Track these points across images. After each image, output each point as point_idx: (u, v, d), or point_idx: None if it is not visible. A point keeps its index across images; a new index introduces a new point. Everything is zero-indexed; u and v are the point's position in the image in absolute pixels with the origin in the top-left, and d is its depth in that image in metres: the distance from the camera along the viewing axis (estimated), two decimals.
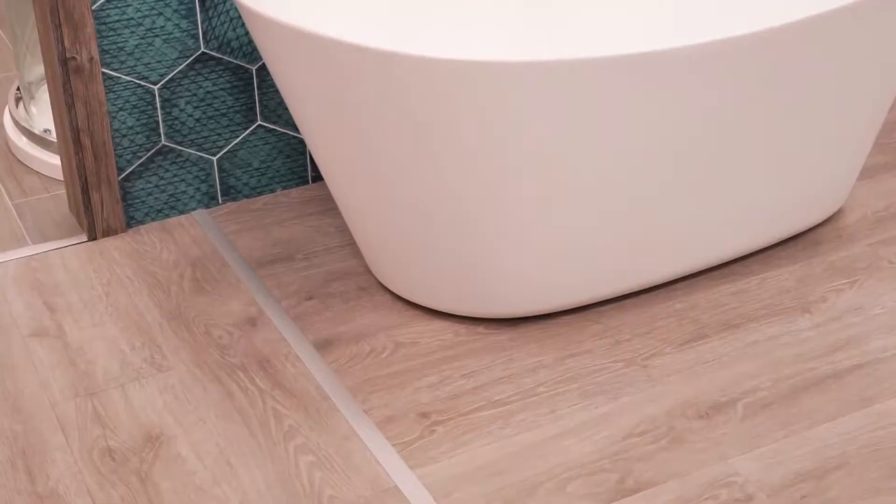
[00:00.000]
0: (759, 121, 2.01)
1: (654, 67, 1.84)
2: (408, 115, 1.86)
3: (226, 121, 2.39)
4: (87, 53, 2.21)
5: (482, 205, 1.93)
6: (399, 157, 1.92)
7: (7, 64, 3.17)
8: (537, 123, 1.84)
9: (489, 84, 1.79)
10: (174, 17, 2.27)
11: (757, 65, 1.93)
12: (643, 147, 1.93)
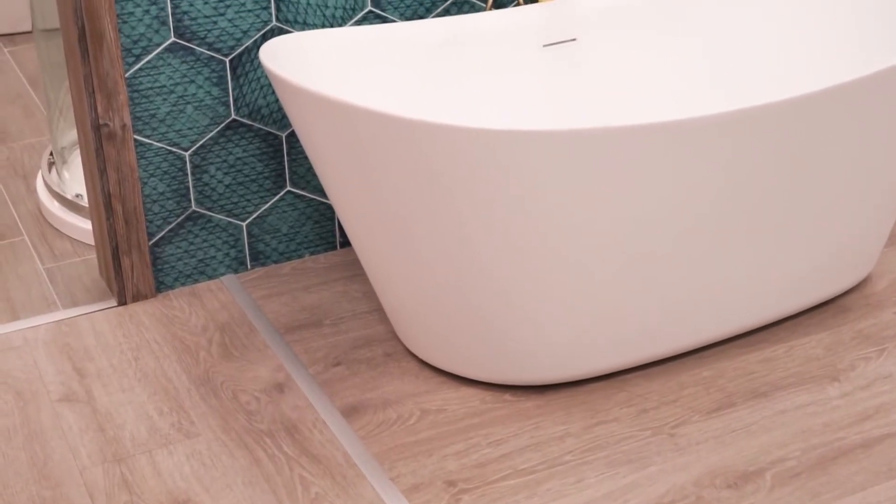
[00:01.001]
0: (786, 187, 2.01)
1: (683, 135, 1.85)
2: (435, 183, 1.87)
3: (255, 187, 2.41)
4: (119, 120, 2.24)
5: (509, 272, 1.94)
6: (426, 223, 1.93)
7: (41, 129, 3.21)
8: (564, 191, 1.85)
9: (515, 152, 1.81)
10: (206, 85, 2.30)
11: (785, 131, 1.93)
12: (671, 214, 1.93)
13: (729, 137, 1.89)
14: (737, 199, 1.97)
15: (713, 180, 1.93)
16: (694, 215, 1.95)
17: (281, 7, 2.30)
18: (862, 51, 2.47)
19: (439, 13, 2.44)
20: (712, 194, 1.94)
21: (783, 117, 1.92)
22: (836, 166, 2.05)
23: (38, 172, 2.89)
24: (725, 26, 2.52)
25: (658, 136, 1.84)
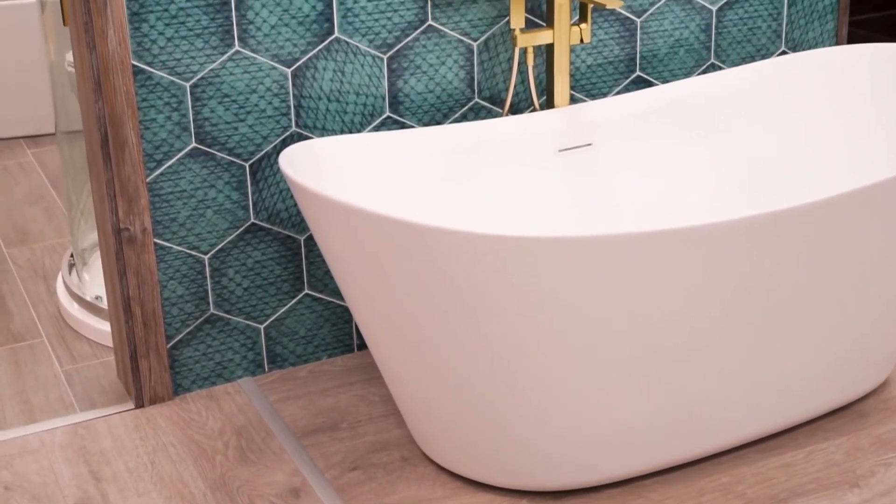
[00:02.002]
0: (802, 291, 2.02)
1: (697, 241, 1.86)
2: (452, 288, 1.88)
3: (273, 289, 2.43)
4: (140, 224, 2.27)
5: (526, 378, 1.94)
6: (442, 328, 1.94)
7: (62, 230, 3.24)
8: (580, 297, 1.86)
9: (531, 259, 1.82)
10: (225, 189, 2.33)
11: (801, 235, 1.94)
12: (687, 319, 1.94)
13: (744, 242, 1.90)
14: (752, 304, 1.98)
15: (728, 285, 1.93)
16: (710, 321, 1.96)
17: (300, 113, 2.34)
18: (883, 151, 2.49)
19: (456, 119, 2.47)
20: (728, 299, 1.95)
21: (800, 221, 1.93)
22: (853, 269, 2.05)
23: (58, 274, 2.92)
24: (740, 130, 2.55)
25: (673, 243, 1.85)
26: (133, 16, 2.17)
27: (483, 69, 2.47)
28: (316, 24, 2.30)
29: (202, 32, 2.23)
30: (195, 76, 2.24)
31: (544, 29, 2.37)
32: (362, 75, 2.37)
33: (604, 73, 2.59)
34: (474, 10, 2.42)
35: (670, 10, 2.60)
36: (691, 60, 2.67)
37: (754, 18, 2.70)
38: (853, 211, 1.97)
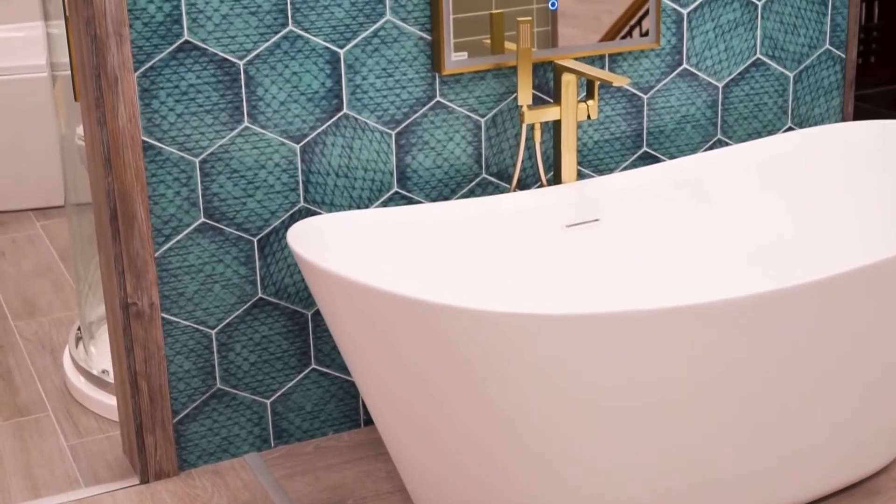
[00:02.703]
0: (808, 367, 2.01)
1: (703, 318, 1.86)
2: (459, 364, 1.88)
3: (280, 364, 2.43)
4: (147, 299, 2.27)
5: (534, 452, 1.93)
6: (451, 404, 1.93)
7: (69, 303, 3.25)
8: (587, 374, 1.85)
9: (538, 336, 1.82)
10: (233, 264, 2.33)
11: (807, 313, 1.94)
12: (694, 397, 1.93)
13: (750, 319, 1.89)
14: (758, 378, 1.97)
15: (734, 359, 1.93)
16: (715, 399, 1.95)
17: (309, 188, 2.35)
18: (890, 227, 2.49)
19: (464, 194, 2.48)
20: (734, 373, 1.94)
21: (805, 299, 1.92)
22: (862, 347, 2.05)
23: (65, 347, 2.92)
24: (747, 206, 2.55)
25: (678, 320, 1.85)
26: (144, 92, 2.19)
27: (491, 145, 2.48)
28: (325, 101, 2.32)
29: (212, 109, 2.24)
30: (204, 152, 2.26)
31: (551, 105, 2.38)
32: (370, 151, 2.38)
33: (611, 149, 2.60)
34: (482, 86, 2.44)
35: (677, 86, 2.62)
36: (698, 136, 2.68)
37: (760, 95, 2.72)
38: (860, 287, 1.97)
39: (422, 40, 2.36)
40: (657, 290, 2.49)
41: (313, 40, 2.28)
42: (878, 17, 3.87)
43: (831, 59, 2.78)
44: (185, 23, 2.19)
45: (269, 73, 2.27)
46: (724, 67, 2.67)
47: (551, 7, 2.42)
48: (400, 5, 2.33)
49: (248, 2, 2.22)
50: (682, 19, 2.59)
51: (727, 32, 2.65)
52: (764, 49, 2.70)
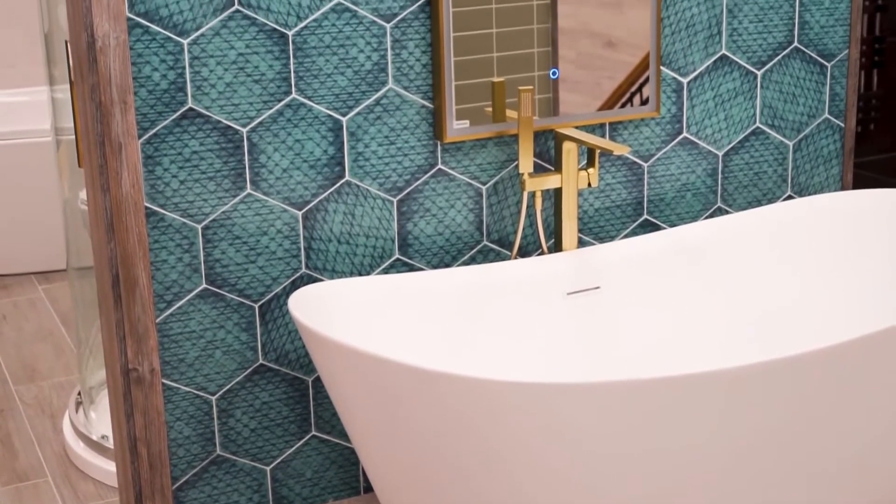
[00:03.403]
0: (811, 436, 2.01)
1: (705, 388, 1.86)
2: (460, 432, 1.87)
3: (280, 431, 2.42)
4: (148, 365, 2.27)
5: None
6: (451, 471, 1.92)
7: (70, 367, 3.25)
8: (588, 441, 1.85)
9: (538, 405, 1.81)
10: (234, 330, 2.34)
11: (809, 382, 1.94)
12: (696, 462, 1.92)
13: (752, 388, 1.89)
14: (762, 447, 1.96)
15: (739, 428, 1.92)
16: (719, 465, 1.94)
17: (311, 255, 2.36)
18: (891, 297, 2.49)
19: (465, 261, 2.49)
20: (738, 441, 1.93)
21: (806, 368, 1.92)
22: (862, 416, 2.04)
23: (65, 412, 2.91)
24: (747, 274, 2.56)
25: (682, 389, 1.85)
26: (147, 159, 2.21)
27: (492, 212, 2.49)
28: (327, 168, 2.33)
29: (215, 175, 2.26)
30: (207, 218, 2.27)
31: (552, 173, 2.40)
32: (372, 218, 2.39)
33: (611, 217, 2.61)
34: (483, 154, 2.45)
35: (677, 154, 2.64)
36: (698, 204, 2.69)
37: (760, 163, 2.74)
38: (863, 356, 1.97)
39: (424, 108, 2.38)
40: (659, 358, 2.49)
41: (316, 108, 2.30)
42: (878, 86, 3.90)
43: (830, 128, 2.80)
44: (189, 90, 2.21)
45: (271, 141, 2.28)
46: (723, 136, 2.69)
47: (552, 76, 2.44)
48: (402, 74, 2.35)
49: (251, 70, 2.24)
50: (682, 88, 2.61)
51: (727, 101, 2.67)
52: (763, 118, 2.72)
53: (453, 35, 2.34)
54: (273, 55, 2.25)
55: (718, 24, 2.62)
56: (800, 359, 1.90)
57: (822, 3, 2.72)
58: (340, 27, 2.29)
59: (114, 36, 2.12)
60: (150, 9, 2.15)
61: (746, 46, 2.66)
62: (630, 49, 2.50)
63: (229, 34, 2.21)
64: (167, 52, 2.18)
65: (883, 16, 3.54)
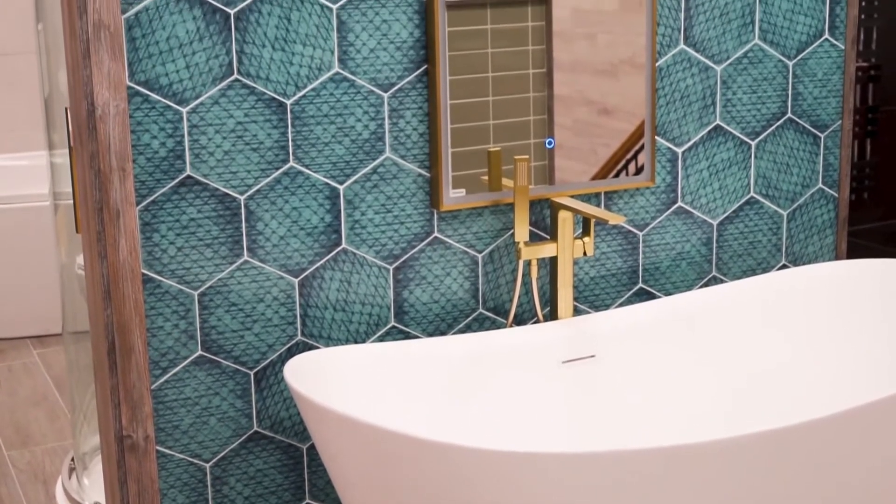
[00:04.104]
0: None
1: (699, 458, 1.86)
2: (457, 500, 1.87)
3: (275, 499, 2.41)
4: (143, 432, 2.27)
5: None
6: None
7: (64, 432, 3.24)
8: None
9: (532, 474, 1.81)
10: (230, 398, 2.34)
11: (803, 453, 1.94)
12: None
13: (746, 458, 1.89)
14: None
15: (733, 500, 1.92)
16: None
17: (306, 322, 2.36)
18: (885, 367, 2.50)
19: (461, 329, 2.49)
20: None
21: (801, 439, 1.92)
22: (858, 486, 2.04)
23: (58, 478, 2.90)
24: (742, 343, 2.56)
25: (678, 459, 1.85)
26: (145, 226, 2.22)
27: (487, 280, 2.50)
28: (324, 236, 2.34)
29: (212, 242, 2.27)
30: (203, 285, 2.28)
31: (548, 242, 2.41)
32: (368, 285, 2.40)
33: (607, 285, 2.62)
34: (479, 222, 2.47)
35: (672, 223, 2.65)
36: (693, 273, 2.71)
37: (754, 233, 2.75)
38: (858, 427, 1.97)
39: (420, 177, 2.40)
40: (655, 427, 2.49)
41: (314, 176, 2.32)
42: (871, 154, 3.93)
43: (824, 198, 2.82)
44: (187, 158, 2.23)
45: (269, 208, 2.30)
46: (718, 205, 2.70)
47: (548, 146, 2.46)
48: (399, 142, 2.37)
49: (250, 138, 2.26)
50: (676, 158, 2.63)
51: (721, 171, 2.69)
52: (758, 188, 2.74)
53: (450, 102, 2.36)
54: (271, 124, 2.27)
55: (713, 94, 2.65)
56: (793, 430, 1.90)
57: (815, 75, 2.75)
58: (338, 96, 2.31)
59: (114, 104, 2.14)
60: (150, 77, 2.18)
61: (740, 117, 2.69)
62: (625, 116, 2.52)
63: (228, 103, 2.24)
64: (166, 121, 2.20)
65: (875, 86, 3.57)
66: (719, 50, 2.64)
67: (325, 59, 2.29)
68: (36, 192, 4.12)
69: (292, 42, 2.26)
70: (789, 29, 2.70)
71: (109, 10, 2.12)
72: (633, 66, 2.51)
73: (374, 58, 2.32)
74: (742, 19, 2.65)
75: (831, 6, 2.74)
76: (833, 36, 2.76)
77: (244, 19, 2.22)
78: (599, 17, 2.47)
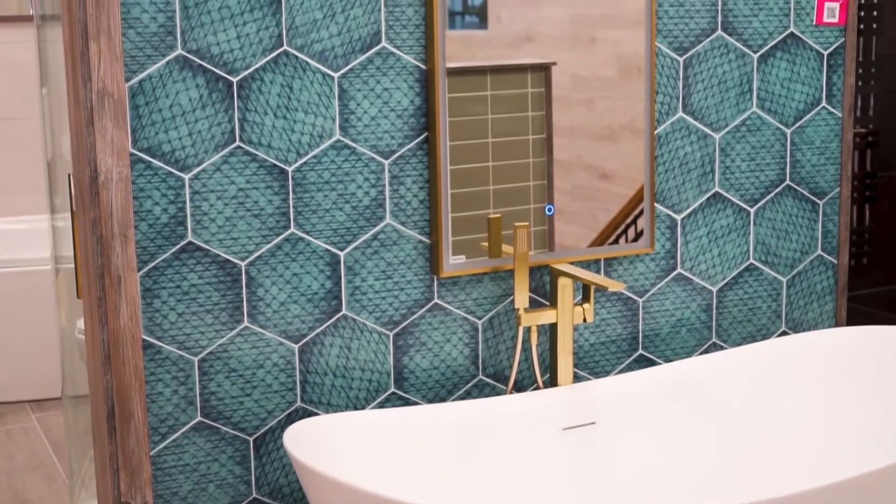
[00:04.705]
0: None
1: None
2: None
3: None
4: (141, 498, 2.26)
5: None
6: None
7: (62, 497, 3.22)
8: None
9: None
10: (228, 464, 2.33)
11: None
12: None
13: None
14: None
15: None
16: None
17: (306, 388, 2.36)
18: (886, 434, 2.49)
19: (461, 395, 2.49)
20: None
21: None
22: None
23: None
24: (743, 409, 2.56)
25: None
26: (146, 291, 2.23)
27: (487, 347, 2.50)
28: (324, 302, 2.35)
29: (213, 308, 2.27)
30: (204, 351, 2.28)
31: (548, 309, 2.41)
32: (368, 352, 2.40)
33: (606, 352, 2.62)
34: (479, 288, 2.47)
35: (671, 290, 2.66)
36: (693, 340, 2.71)
37: (754, 299, 2.76)
38: (856, 497, 1.96)
39: (421, 243, 2.41)
40: (655, 493, 2.48)
41: (314, 242, 2.33)
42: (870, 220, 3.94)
43: (823, 264, 2.83)
44: (189, 224, 2.24)
45: (269, 274, 2.30)
46: (718, 272, 2.71)
47: (547, 213, 2.47)
48: (400, 209, 2.38)
49: (251, 205, 2.27)
50: (676, 225, 2.64)
51: (720, 238, 2.70)
52: (757, 254, 2.75)
53: (450, 168, 2.38)
54: (273, 190, 2.28)
55: (711, 162, 2.66)
56: (794, 499, 1.90)
57: (814, 143, 2.77)
58: (339, 163, 2.33)
59: (116, 171, 2.16)
60: (152, 145, 2.19)
61: (739, 184, 2.70)
62: (624, 181, 2.53)
63: (230, 170, 2.25)
64: (168, 187, 2.21)
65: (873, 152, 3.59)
66: (717, 118, 2.66)
67: (327, 126, 2.31)
68: (36, 255, 4.13)
69: (294, 110, 2.28)
70: (787, 97, 2.73)
71: (113, 78, 2.14)
72: (631, 131, 2.53)
73: (375, 125, 2.34)
74: (740, 87, 2.67)
75: (828, 75, 2.77)
76: (831, 104, 2.78)
77: (247, 87, 2.24)
78: (598, 83, 2.49)
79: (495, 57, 2.40)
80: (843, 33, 2.78)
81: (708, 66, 2.63)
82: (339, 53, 2.30)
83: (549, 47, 2.44)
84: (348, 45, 2.30)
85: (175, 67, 2.19)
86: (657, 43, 2.56)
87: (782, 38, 2.71)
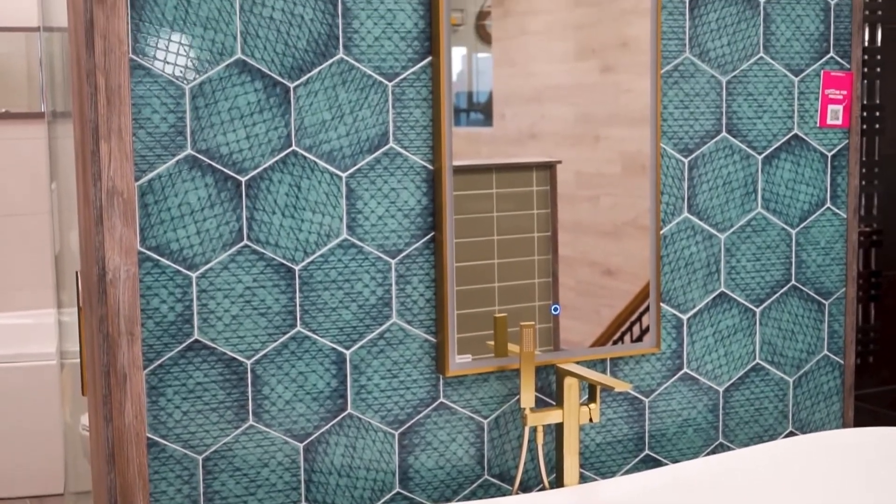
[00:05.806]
0: None
1: None
2: None
3: None
4: None
5: None
6: None
7: None
8: None
9: None
10: None
11: None
12: None
13: None
14: None
15: None
16: None
17: (311, 488, 2.35)
18: None
19: (466, 496, 2.47)
20: None
21: None
22: None
23: None
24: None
25: None
26: (151, 389, 2.22)
27: (493, 446, 2.49)
28: (329, 400, 2.34)
29: (218, 407, 2.27)
30: (208, 449, 2.27)
31: (554, 408, 2.41)
32: (373, 451, 2.39)
33: (613, 452, 2.61)
34: (485, 388, 2.47)
35: (678, 390, 2.65)
36: (700, 440, 2.69)
37: (761, 399, 2.75)
38: None
39: (427, 342, 2.41)
40: None
41: (320, 341, 2.33)
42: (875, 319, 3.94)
43: (830, 364, 2.83)
44: (195, 322, 2.24)
45: (275, 373, 2.30)
46: (724, 372, 2.70)
47: (553, 312, 2.48)
48: (406, 308, 2.38)
49: (258, 303, 2.28)
50: (681, 325, 2.64)
51: (727, 338, 2.70)
52: (763, 354, 2.75)
53: (456, 265, 2.38)
54: (279, 289, 2.29)
55: (717, 262, 2.67)
56: None
57: (818, 244, 2.78)
58: (346, 262, 2.34)
59: (124, 269, 2.17)
60: (160, 243, 2.20)
61: (745, 284, 2.71)
62: (629, 278, 2.54)
63: (237, 268, 2.26)
64: (176, 286, 2.22)
65: (878, 251, 3.61)
66: (723, 218, 2.67)
67: (334, 225, 2.32)
68: (40, 350, 4.13)
69: (302, 209, 2.30)
70: (791, 198, 2.74)
71: (123, 178, 2.16)
72: (635, 227, 2.54)
73: (382, 224, 2.36)
74: (745, 188, 2.69)
75: (832, 176, 2.79)
76: (835, 204, 2.80)
77: (255, 187, 2.26)
78: (602, 180, 2.51)
79: (500, 154, 2.42)
80: (847, 135, 2.81)
81: (713, 167, 2.65)
82: (348, 154, 2.32)
83: (554, 144, 2.46)
84: (356, 145, 2.33)
85: (184, 167, 2.21)
86: (662, 144, 2.59)
87: (786, 140, 2.73)
